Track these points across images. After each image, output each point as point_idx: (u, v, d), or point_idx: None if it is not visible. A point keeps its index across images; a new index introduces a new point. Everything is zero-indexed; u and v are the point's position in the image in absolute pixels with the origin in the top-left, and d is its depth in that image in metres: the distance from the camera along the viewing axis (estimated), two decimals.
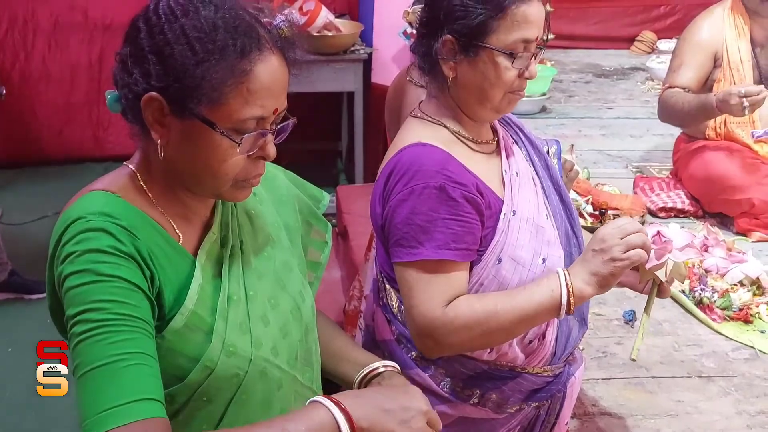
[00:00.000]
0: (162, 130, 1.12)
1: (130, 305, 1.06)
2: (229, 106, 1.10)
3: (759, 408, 1.91)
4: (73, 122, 4.90)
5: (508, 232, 1.46)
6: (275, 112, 1.14)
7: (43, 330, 1.00)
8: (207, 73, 1.08)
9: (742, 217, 2.83)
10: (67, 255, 1.07)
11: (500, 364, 1.53)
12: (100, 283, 1.05)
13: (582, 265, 1.40)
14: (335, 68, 4.08)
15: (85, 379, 1.02)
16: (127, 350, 1.03)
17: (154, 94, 1.10)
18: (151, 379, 1.05)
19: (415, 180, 1.40)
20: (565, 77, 4.79)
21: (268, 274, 1.27)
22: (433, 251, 1.39)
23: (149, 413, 1.02)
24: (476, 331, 1.40)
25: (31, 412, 2.88)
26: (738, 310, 2.29)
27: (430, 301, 1.40)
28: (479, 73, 1.44)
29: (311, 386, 1.32)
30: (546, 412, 1.60)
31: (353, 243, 3.12)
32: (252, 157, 1.15)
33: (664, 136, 3.71)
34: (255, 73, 1.10)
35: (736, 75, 2.91)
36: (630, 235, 1.36)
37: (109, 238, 1.07)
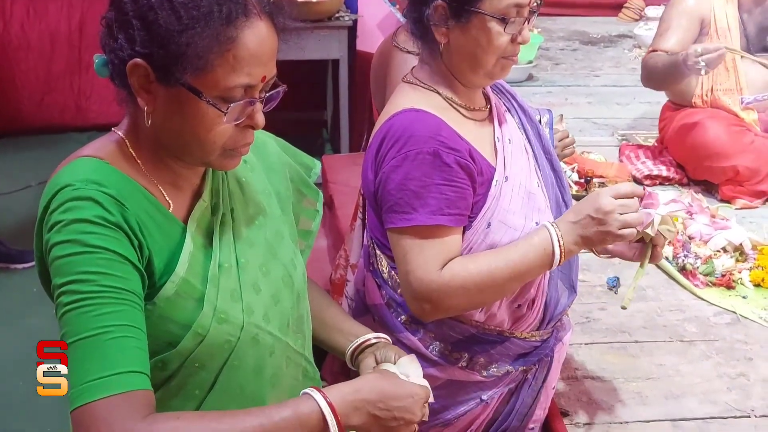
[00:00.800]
0: (148, 97, 1.11)
1: (117, 277, 1.05)
2: (215, 74, 1.08)
3: (739, 371, 1.95)
4: (54, 91, 4.84)
5: (500, 198, 1.47)
6: (263, 79, 1.12)
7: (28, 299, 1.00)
8: (192, 41, 1.06)
9: (727, 185, 2.85)
10: (54, 223, 1.06)
11: (488, 328, 1.55)
12: (87, 254, 1.04)
13: (573, 227, 1.41)
14: (320, 35, 4.03)
15: (71, 350, 1.03)
16: (113, 323, 1.03)
17: (139, 60, 1.08)
18: (137, 351, 1.05)
19: (408, 146, 1.40)
20: (552, 45, 4.77)
21: (260, 242, 1.26)
22: (426, 217, 1.39)
23: (133, 385, 1.02)
24: (472, 291, 1.42)
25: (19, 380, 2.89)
26: (720, 276, 2.32)
27: (425, 265, 1.41)
28: (471, 39, 1.43)
29: (303, 352, 1.33)
30: (533, 375, 1.63)
31: (339, 212, 3.13)
32: (240, 125, 1.14)
33: (651, 104, 3.72)
34: (241, 40, 1.08)
35: (723, 41, 2.91)
36: (629, 213, 1.39)
37: (96, 207, 1.06)
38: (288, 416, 1.08)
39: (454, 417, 1.59)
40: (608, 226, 1.38)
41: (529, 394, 1.64)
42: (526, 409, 1.65)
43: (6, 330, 3.19)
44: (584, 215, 1.40)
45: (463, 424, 1.61)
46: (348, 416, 1.12)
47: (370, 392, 1.16)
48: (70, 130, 4.78)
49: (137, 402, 1.02)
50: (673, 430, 1.75)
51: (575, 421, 1.77)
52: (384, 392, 1.17)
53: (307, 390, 1.12)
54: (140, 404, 1.02)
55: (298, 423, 1.08)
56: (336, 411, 1.10)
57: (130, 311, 1.06)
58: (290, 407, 1.09)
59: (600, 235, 1.40)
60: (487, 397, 1.60)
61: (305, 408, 1.09)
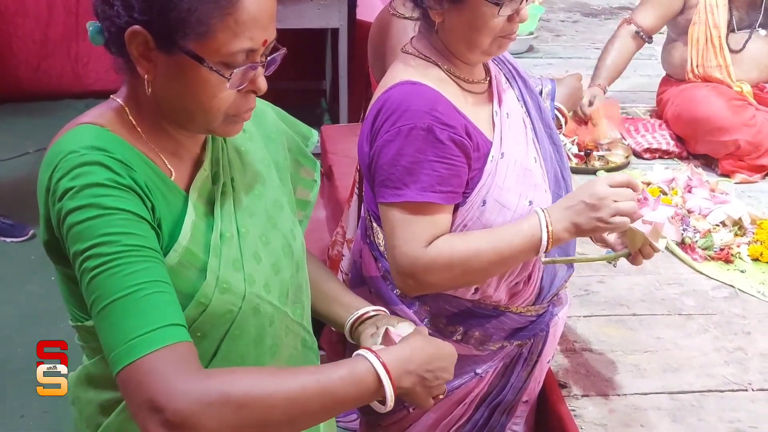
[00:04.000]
0: (148, 65, 1.09)
1: (139, 236, 1.05)
2: (216, 39, 1.06)
3: (736, 345, 1.96)
4: (51, 57, 4.81)
5: (495, 174, 1.45)
6: (264, 43, 1.11)
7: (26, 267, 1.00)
8: (192, 6, 1.03)
9: (727, 159, 2.85)
10: (65, 190, 1.04)
11: (484, 303, 1.55)
12: (106, 216, 1.03)
13: (566, 212, 1.40)
14: (319, 4, 4.00)
15: (106, 313, 1.02)
16: (145, 279, 1.03)
17: (137, 27, 1.05)
18: (172, 305, 1.05)
19: (402, 120, 1.39)
20: (553, 16, 4.73)
21: (260, 211, 1.26)
22: (417, 193, 1.39)
23: (175, 338, 1.02)
24: (456, 270, 1.41)
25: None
26: (719, 250, 2.32)
27: (412, 241, 1.40)
28: (466, 20, 1.41)
29: (301, 322, 1.33)
30: (528, 350, 1.63)
31: (338, 183, 3.12)
32: (243, 91, 1.12)
33: (651, 77, 3.69)
34: (242, 3, 1.06)
35: (710, 18, 2.91)
36: (624, 202, 1.37)
37: (106, 171, 1.05)
38: (344, 374, 1.10)
39: (448, 390, 1.58)
40: (600, 212, 1.37)
41: (524, 369, 1.64)
42: (521, 383, 1.66)
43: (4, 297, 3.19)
44: (578, 200, 1.40)
45: (457, 397, 1.61)
46: (400, 378, 1.15)
47: (421, 356, 1.19)
48: (67, 97, 4.76)
49: (184, 353, 1.02)
50: (671, 402, 1.75)
51: (573, 393, 1.77)
52: (432, 355, 1.21)
53: (361, 351, 1.15)
54: (188, 355, 1.03)
55: (354, 382, 1.10)
56: (390, 373, 1.13)
57: (157, 267, 1.05)
58: (347, 366, 1.11)
59: (592, 222, 1.38)
60: (481, 371, 1.60)
61: (361, 368, 1.12)
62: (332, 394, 1.08)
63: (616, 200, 1.37)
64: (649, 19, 3.04)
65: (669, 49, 3.13)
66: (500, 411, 1.66)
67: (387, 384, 1.12)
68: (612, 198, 1.37)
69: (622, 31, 3.12)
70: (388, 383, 1.12)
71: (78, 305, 1.15)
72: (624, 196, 1.38)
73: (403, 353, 1.18)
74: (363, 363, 1.13)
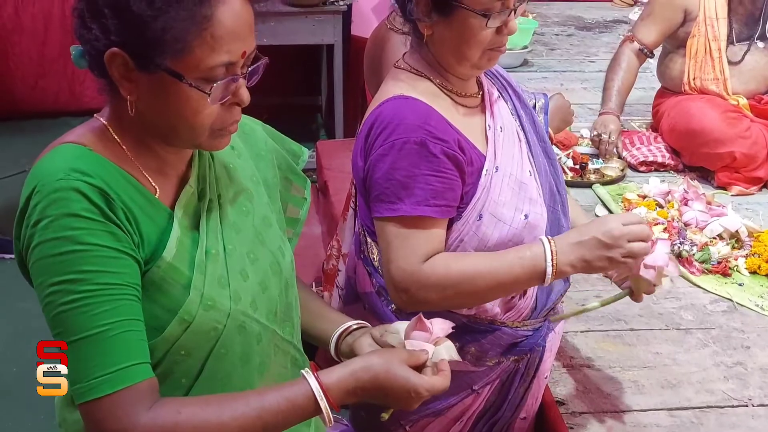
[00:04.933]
0: (130, 85, 1.09)
1: (113, 273, 1.06)
2: (194, 55, 1.06)
3: (736, 359, 1.94)
4: (47, 75, 4.82)
5: (490, 188, 1.45)
6: (243, 55, 1.10)
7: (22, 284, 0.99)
8: (167, 25, 1.03)
9: (723, 171, 2.83)
10: (40, 218, 1.04)
11: (479, 318, 1.53)
12: (80, 252, 1.04)
13: (575, 247, 1.38)
14: (314, 20, 4.01)
15: (72, 348, 1.05)
16: (113, 319, 1.05)
17: (116, 50, 1.05)
18: (137, 343, 1.07)
19: (395, 134, 1.38)
20: (547, 30, 4.74)
21: (247, 228, 1.25)
22: (411, 207, 1.38)
23: (136, 378, 1.06)
24: (449, 291, 1.40)
25: None
26: (717, 263, 2.31)
27: (407, 257, 1.40)
28: (455, 33, 1.41)
29: (291, 340, 1.32)
30: (525, 365, 1.62)
31: (334, 198, 3.11)
32: (226, 104, 1.12)
33: (646, 90, 3.69)
34: (217, 17, 1.06)
35: (710, 31, 2.92)
36: (637, 243, 1.36)
37: (83, 200, 1.05)
38: (282, 403, 1.11)
39: (445, 407, 1.58)
40: (613, 251, 1.36)
41: (521, 384, 1.63)
42: (519, 399, 1.64)
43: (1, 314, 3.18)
44: (590, 236, 1.37)
45: (454, 414, 1.60)
46: (342, 400, 1.15)
47: (368, 380, 1.16)
48: (64, 115, 4.76)
49: (142, 393, 1.06)
50: (670, 419, 1.73)
51: (571, 410, 1.75)
52: (381, 382, 1.16)
53: (304, 372, 1.15)
54: (145, 394, 1.06)
55: (292, 406, 1.12)
56: (329, 396, 1.13)
57: (127, 305, 1.07)
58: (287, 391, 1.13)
59: (602, 260, 1.37)
60: (478, 387, 1.59)
61: (300, 392, 1.13)
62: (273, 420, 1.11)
63: (630, 240, 1.36)
64: (651, 35, 3.02)
65: (665, 61, 3.13)
66: (498, 428, 1.65)
67: (324, 407, 1.13)
68: (626, 237, 1.36)
69: (625, 49, 3.09)
70: (325, 406, 1.13)
71: None
72: (638, 236, 1.37)
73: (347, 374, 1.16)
74: (302, 387, 1.13)
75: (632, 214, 1.47)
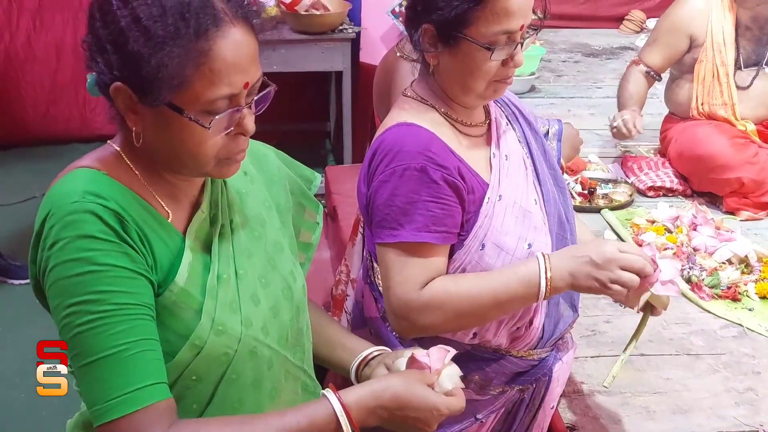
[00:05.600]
0: (135, 117, 1.10)
1: (128, 293, 1.06)
2: (194, 89, 1.06)
3: (747, 385, 1.93)
4: (59, 102, 4.87)
5: (493, 216, 1.45)
6: (246, 86, 1.10)
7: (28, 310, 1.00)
8: (164, 61, 1.04)
9: (731, 196, 2.84)
10: (56, 240, 1.05)
11: (484, 347, 1.53)
12: (96, 273, 1.04)
13: (568, 263, 1.39)
14: (323, 47, 4.05)
15: (89, 369, 1.05)
16: (129, 339, 1.05)
17: (119, 84, 1.07)
18: (154, 363, 1.08)
19: (396, 161, 1.40)
20: (554, 57, 4.77)
21: (259, 253, 1.26)
22: (412, 233, 1.39)
23: (154, 398, 1.06)
24: (450, 313, 1.40)
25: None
26: (726, 288, 2.30)
27: (405, 283, 1.40)
28: (460, 64, 1.41)
29: (302, 366, 1.32)
30: (530, 395, 1.61)
31: (342, 223, 3.12)
32: (231, 134, 1.13)
33: (653, 115, 3.70)
34: (215, 51, 1.06)
35: (717, 56, 2.92)
36: (627, 273, 1.35)
37: (97, 222, 1.06)
38: (300, 420, 1.11)
39: None
40: (601, 274, 1.36)
41: (526, 414, 1.62)
42: (523, 430, 1.63)
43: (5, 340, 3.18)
44: (584, 254, 1.38)
45: None
46: (363, 420, 1.14)
47: (388, 399, 1.16)
48: (74, 141, 4.80)
49: (159, 413, 1.06)
50: None
51: None
52: (402, 401, 1.17)
53: (326, 392, 1.15)
54: (162, 414, 1.06)
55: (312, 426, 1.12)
56: (351, 415, 1.13)
57: (143, 325, 1.07)
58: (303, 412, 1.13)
59: (589, 280, 1.37)
60: (482, 416, 1.58)
61: (320, 412, 1.13)
62: None
63: (622, 267, 1.35)
64: (657, 60, 3.06)
65: (673, 87, 3.14)
66: None
67: (345, 426, 1.12)
68: (618, 264, 1.35)
69: (632, 70, 3.12)
70: (347, 425, 1.13)
71: None
72: (631, 265, 1.36)
73: (368, 394, 1.16)
74: (322, 406, 1.13)
75: (634, 245, 1.45)
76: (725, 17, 2.93)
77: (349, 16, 4.17)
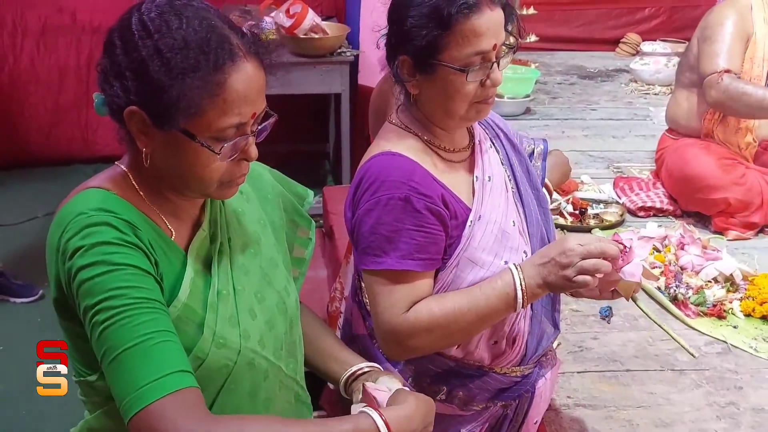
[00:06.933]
0: (146, 140, 1.16)
1: (146, 289, 1.12)
2: (206, 117, 1.13)
3: (729, 400, 1.98)
4: (61, 124, 4.92)
5: (472, 237, 1.48)
6: (253, 116, 1.18)
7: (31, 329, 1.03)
8: (182, 91, 1.10)
9: (719, 216, 2.89)
10: (76, 249, 1.11)
11: (467, 363, 1.57)
12: (114, 272, 1.10)
13: (538, 270, 1.40)
14: (322, 70, 4.11)
15: (117, 362, 1.08)
16: (153, 329, 1.10)
17: (134, 108, 1.13)
18: (179, 353, 1.11)
19: (381, 191, 1.43)
20: (550, 79, 4.84)
21: (255, 270, 1.32)
22: (396, 261, 1.42)
23: (183, 383, 1.09)
24: (437, 333, 1.44)
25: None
26: (712, 306, 2.35)
27: (392, 308, 1.44)
28: (439, 90, 1.44)
29: (294, 377, 1.38)
30: (513, 411, 1.63)
31: (339, 243, 3.16)
32: (235, 159, 1.20)
33: (646, 137, 3.78)
34: (229, 84, 1.13)
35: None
36: (587, 260, 1.37)
37: (113, 231, 1.12)
38: (348, 429, 1.16)
39: None
40: (566, 270, 1.37)
41: (509, 430, 1.65)
42: None
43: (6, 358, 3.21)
44: (549, 258, 1.40)
45: None
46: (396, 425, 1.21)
47: (419, 415, 1.26)
48: (76, 162, 4.84)
49: (193, 398, 1.09)
50: None
51: None
52: (427, 412, 1.28)
53: (366, 409, 1.21)
54: (196, 401, 1.09)
55: None
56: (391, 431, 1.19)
57: (163, 318, 1.12)
58: (351, 422, 1.19)
59: (560, 280, 1.38)
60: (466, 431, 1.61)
61: (365, 424, 1.18)
62: None
63: (584, 257, 1.37)
64: (734, 64, 2.87)
65: (679, 100, 3.11)
66: None
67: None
68: (579, 256, 1.37)
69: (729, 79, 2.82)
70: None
71: (82, 361, 1.21)
72: (591, 253, 1.37)
73: (405, 412, 1.24)
74: (366, 420, 1.19)
75: (593, 236, 1.47)
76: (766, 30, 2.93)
77: (347, 39, 4.25)
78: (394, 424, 1.20)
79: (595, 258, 1.37)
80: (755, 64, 2.93)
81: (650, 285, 2.40)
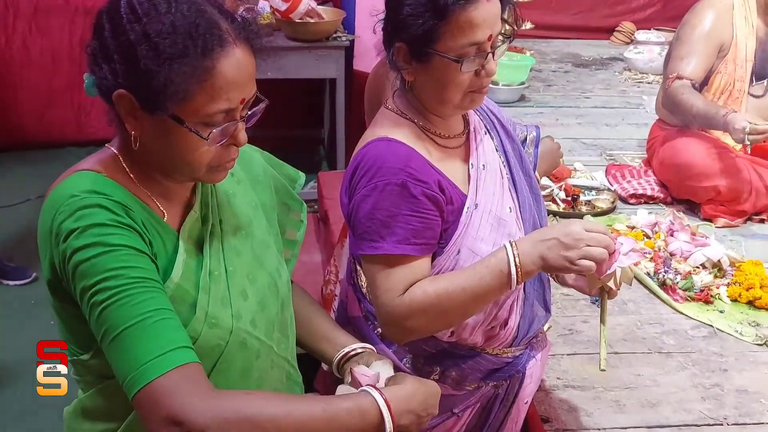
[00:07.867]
0: (135, 123, 1.16)
1: (142, 269, 1.13)
2: (195, 102, 1.13)
3: (713, 381, 2.02)
4: (54, 106, 4.89)
5: (470, 224, 1.50)
6: (242, 102, 1.18)
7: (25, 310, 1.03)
8: (171, 76, 1.10)
9: (708, 204, 2.92)
10: (70, 231, 1.11)
11: (461, 344, 1.59)
12: (110, 252, 1.11)
13: (537, 245, 1.41)
14: (317, 55, 4.10)
15: (118, 341, 1.10)
16: (151, 308, 1.11)
17: (123, 91, 1.13)
18: (178, 330, 1.13)
19: (378, 176, 1.44)
20: (545, 67, 4.86)
21: (246, 251, 1.33)
22: (393, 246, 1.44)
23: (185, 359, 1.10)
24: (432, 313, 1.45)
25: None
26: (699, 291, 2.39)
27: (389, 292, 1.45)
28: (434, 78, 1.46)
29: (286, 356, 1.40)
30: (505, 391, 1.66)
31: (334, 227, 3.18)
32: (224, 144, 1.20)
33: (639, 126, 3.81)
34: (218, 69, 1.13)
35: (739, 70, 2.95)
36: (596, 247, 1.39)
37: (106, 212, 1.13)
38: (351, 406, 1.19)
39: (425, 429, 1.62)
40: (571, 251, 1.38)
41: (501, 409, 1.67)
42: (498, 424, 1.69)
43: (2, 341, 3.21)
44: (552, 236, 1.41)
45: None
46: (400, 416, 1.24)
47: (419, 396, 1.29)
48: (69, 145, 4.82)
49: (195, 373, 1.10)
50: None
51: (555, 427, 1.82)
52: (426, 394, 1.31)
53: (366, 388, 1.24)
54: (198, 375, 1.11)
55: (359, 414, 1.19)
56: (392, 410, 1.22)
57: (160, 296, 1.13)
58: (352, 399, 1.21)
59: (560, 260, 1.39)
60: (458, 411, 1.63)
61: (366, 402, 1.21)
62: (338, 424, 1.17)
63: (590, 245, 1.39)
64: (699, 72, 2.94)
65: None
66: None
67: (388, 420, 1.21)
68: (586, 241, 1.39)
69: (676, 84, 2.93)
70: (389, 419, 1.21)
71: (76, 341, 1.22)
72: (598, 242, 1.39)
73: (404, 392, 1.26)
74: (367, 398, 1.22)
75: (598, 223, 1.50)
76: (749, 32, 2.95)
77: (343, 24, 4.24)
78: (393, 403, 1.22)
79: (601, 247, 1.39)
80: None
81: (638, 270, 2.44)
